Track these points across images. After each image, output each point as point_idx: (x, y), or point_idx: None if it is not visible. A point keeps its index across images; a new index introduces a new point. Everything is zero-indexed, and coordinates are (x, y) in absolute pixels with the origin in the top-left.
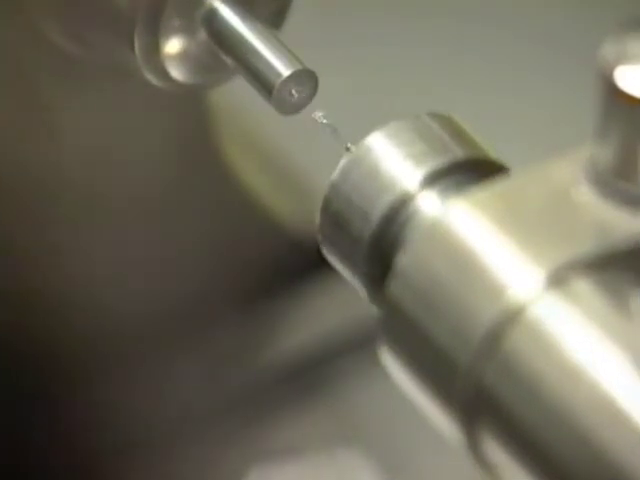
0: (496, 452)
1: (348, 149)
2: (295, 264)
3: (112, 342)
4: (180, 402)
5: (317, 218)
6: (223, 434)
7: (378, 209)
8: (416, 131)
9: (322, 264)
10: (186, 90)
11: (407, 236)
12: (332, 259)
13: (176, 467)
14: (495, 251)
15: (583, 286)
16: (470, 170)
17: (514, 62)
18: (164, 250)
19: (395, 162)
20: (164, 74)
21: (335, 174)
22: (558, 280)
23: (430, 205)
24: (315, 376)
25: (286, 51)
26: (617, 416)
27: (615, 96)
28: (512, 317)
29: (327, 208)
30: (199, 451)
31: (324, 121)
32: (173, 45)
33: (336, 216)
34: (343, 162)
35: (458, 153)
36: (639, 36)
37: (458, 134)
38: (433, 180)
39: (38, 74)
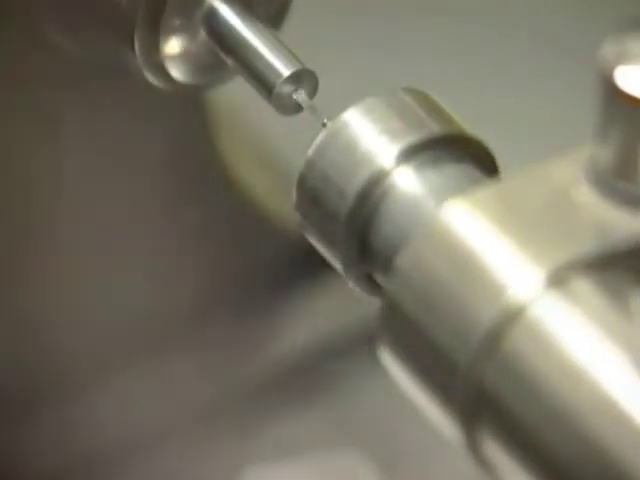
0: (496, 452)
1: (324, 125)
2: (294, 264)
3: (110, 341)
4: (179, 402)
5: (293, 194)
6: (222, 434)
7: (354, 185)
8: (392, 107)
9: (322, 264)
10: (186, 90)
11: (383, 212)
12: (309, 235)
13: (174, 467)
14: (495, 251)
15: (583, 286)
16: (446, 146)
17: (514, 62)
18: (164, 250)
19: (371, 138)
20: (164, 74)
21: (311, 150)
22: (558, 280)
23: (406, 181)
24: (315, 376)
25: (286, 51)
26: (617, 416)
27: (615, 96)
28: (512, 317)
29: (303, 184)
30: (197, 451)
31: (302, 97)
32: (173, 45)
33: (312, 192)
34: (319, 138)
35: (434, 129)
36: (639, 36)
37: (434, 110)
38: (409, 156)
39: (38, 74)
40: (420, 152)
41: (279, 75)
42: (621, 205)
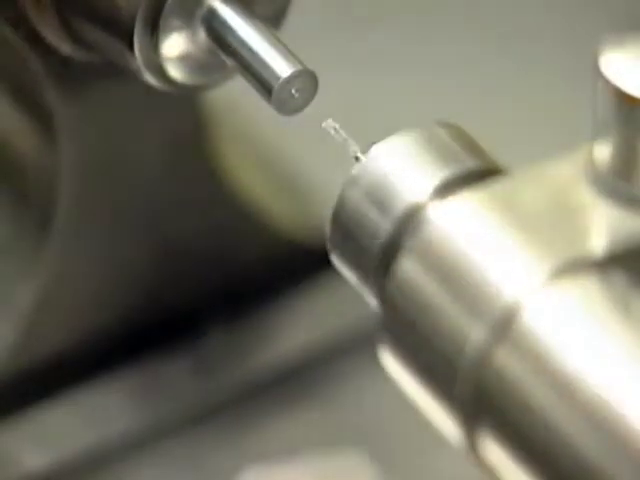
0: (495, 452)
1: (357, 159)
2: (293, 265)
3: (110, 339)
4: (178, 401)
5: (327, 228)
6: (222, 434)
7: (388, 220)
8: (426, 141)
9: (321, 265)
10: (185, 90)
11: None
12: (342, 269)
13: (174, 467)
14: (495, 252)
15: (584, 286)
16: (480, 181)
17: (514, 62)
18: (162, 250)
19: (405, 172)
20: (163, 74)
21: (344, 184)
22: (559, 281)
23: (440, 216)
24: (315, 376)
25: (286, 51)
26: (617, 417)
27: (615, 96)
28: (512, 318)
29: (337, 218)
30: (198, 451)
31: (336, 128)
32: (172, 45)
33: (346, 226)
34: (352, 172)
35: (468, 164)
36: (639, 36)
37: (468, 144)
38: (444, 191)
39: (38, 74)
40: (454, 187)
41: (279, 75)
42: (621, 205)
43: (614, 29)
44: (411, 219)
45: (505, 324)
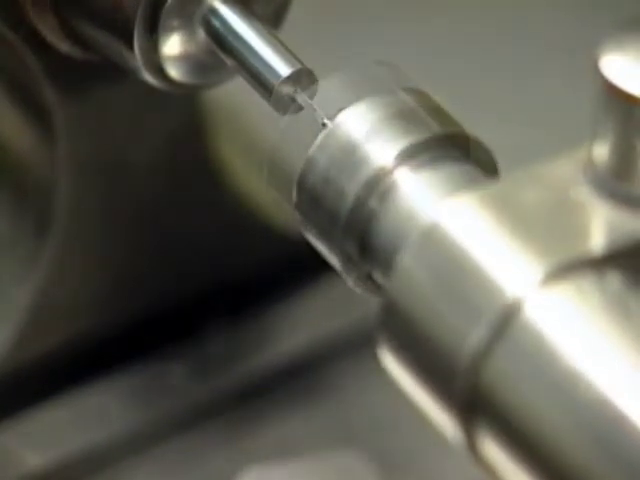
0: (494, 451)
1: (324, 125)
2: (293, 265)
3: (109, 338)
4: (178, 401)
5: (293, 194)
6: (222, 434)
7: (354, 184)
8: (392, 106)
9: (322, 264)
10: (185, 90)
11: (382, 211)
12: (309, 234)
13: (173, 467)
14: (494, 251)
15: (582, 286)
16: (446, 146)
17: (514, 62)
18: (161, 250)
19: (371, 137)
20: (163, 74)
21: (311, 149)
22: (557, 280)
23: (406, 180)
24: (315, 376)
25: (286, 51)
26: (615, 416)
27: (613, 95)
28: (510, 317)
29: (303, 184)
30: (197, 451)
31: (302, 97)
32: (172, 45)
33: (312, 192)
34: (319, 137)
35: (434, 128)
36: (639, 36)
37: (434, 110)
38: (409, 155)
39: (37, 74)
40: (420, 152)
41: (278, 75)
42: (620, 205)
43: (614, 29)
44: (377, 184)
45: (504, 323)
